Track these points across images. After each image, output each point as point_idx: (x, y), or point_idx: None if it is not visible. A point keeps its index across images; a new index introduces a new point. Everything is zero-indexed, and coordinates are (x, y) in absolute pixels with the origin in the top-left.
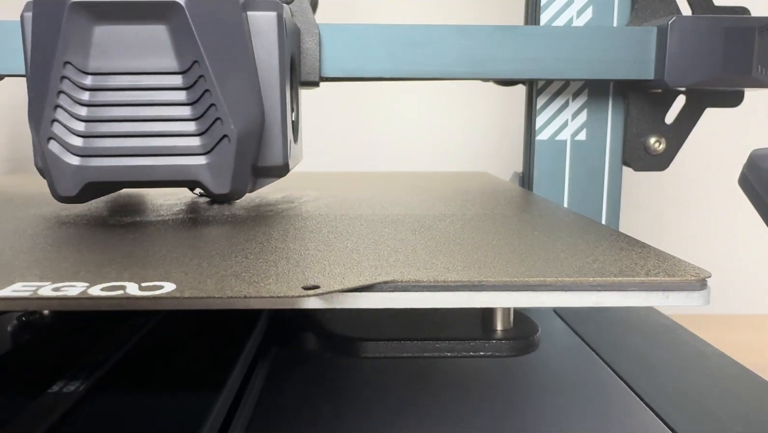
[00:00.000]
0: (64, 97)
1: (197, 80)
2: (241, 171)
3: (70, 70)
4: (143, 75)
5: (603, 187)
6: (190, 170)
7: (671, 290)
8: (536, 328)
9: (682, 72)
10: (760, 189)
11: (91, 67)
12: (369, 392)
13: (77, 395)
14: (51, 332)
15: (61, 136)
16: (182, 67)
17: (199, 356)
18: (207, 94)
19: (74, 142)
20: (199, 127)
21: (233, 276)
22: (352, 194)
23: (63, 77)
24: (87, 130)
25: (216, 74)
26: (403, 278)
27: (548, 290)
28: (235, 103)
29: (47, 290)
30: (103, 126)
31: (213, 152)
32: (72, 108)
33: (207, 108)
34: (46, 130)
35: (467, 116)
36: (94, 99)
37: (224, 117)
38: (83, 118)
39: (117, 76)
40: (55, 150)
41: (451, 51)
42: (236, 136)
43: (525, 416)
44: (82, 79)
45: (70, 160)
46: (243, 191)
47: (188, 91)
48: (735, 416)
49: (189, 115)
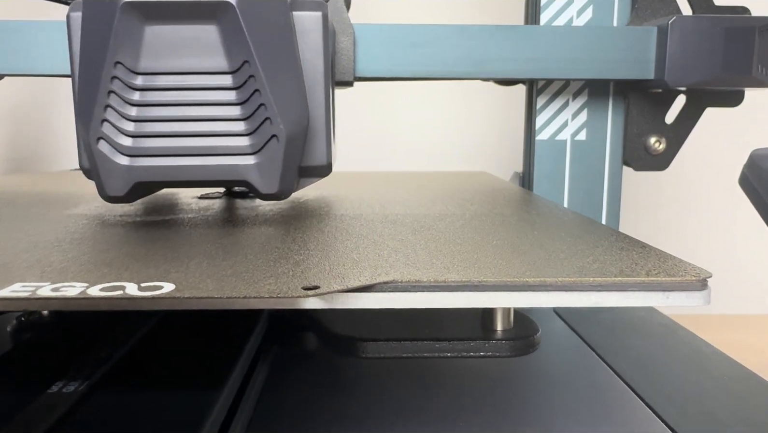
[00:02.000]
0: (114, 97)
1: (247, 80)
2: (288, 171)
3: (120, 70)
4: (193, 75)
5: (603, 187)
6: (239, 170)
7: (671, 290)
8: (536, 328)
9: (683, 72)
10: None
11: (141, 67)
12: (369, 392)
13: (77, 395)
14: (50, 332)
15: (111, 136)
16: (232, 67)
17: (199, 355)
18: (256, 94)
19: (124, 142)
20: (249, 127)
21: (233, 276)
22: (352, 194)
23: (113, 77)
24: (137, 130)
25: (266, 74)
26: (403, 278)
27: (548, 290)
28: (283, 103)
29: (46, 291)
30: (153, 126)
31: (262, 152)
32: (122, 108)
33: (256, 108)
34: (96, 130)
35: (467, 116)
36: (144, 99)
37: (273, 117)
38: (133, 118)
39: (167, 76)
40: (105, 150)
41: (451, 51)
42: (285, 136)
43: (525, 416)
44: (132, 79)
45: (120, 160)
46: (290, 191)
47: (238, 91)
48: (735, 416)
49: (238, 115)
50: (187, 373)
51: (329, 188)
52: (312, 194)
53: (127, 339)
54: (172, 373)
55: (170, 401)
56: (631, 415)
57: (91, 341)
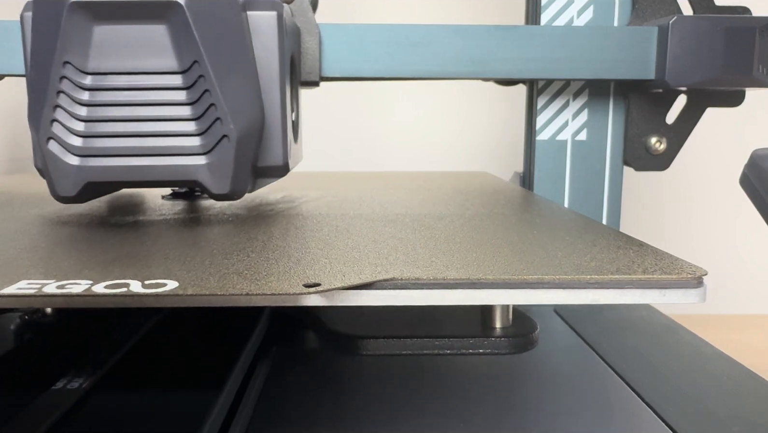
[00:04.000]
0: (63, 97)
1: (197, 80)
2: (240, 171)
3: (69, 69)
4: (143, 75)
5: (603, 188)
6: (190, 170)
7: (668, 288)
8: (535, 326)
9: (683, 72)
10: (761, 189)
11: (90, 67)
12: (369, 389)
13: (78, 394)
14: (54, 330)
15: (61, 136)
16: (182, 66)
17: (200, 354)
18: (207, 94)
19: (74, 142)
20: (199, 127)
21: (235, 274)
22: (353, 194)
23: (62, 77)
24: (86, 130)
25: (216, 74)
26: (402, 276)
27: (546, 288)
28: (235, 103)
29: (52, 288)
30: (103, 126)
31: (213, 152)
32: (71, 108)
33: (207, 108)
34: (45, 130)
35: (467, 116)
36: (93, 99)
37: (224, 117)
38: (83, 118)
39: (116, 75)
40: (55, 150)
41: (451, 51)
42: (236, 136)
43: (524, 414)
44: (81, 79)
45: (70, 160)
46: (243, 191)
47: (188, 91)
48: (735, 416)
49: (189, 115)
50: (188, 372)
51: (329, 188)
52: (313, 194)
53: (129, 338)
54: (173, 372)
55: (171, 399)
56: (631, 414)
57: (94, 339)
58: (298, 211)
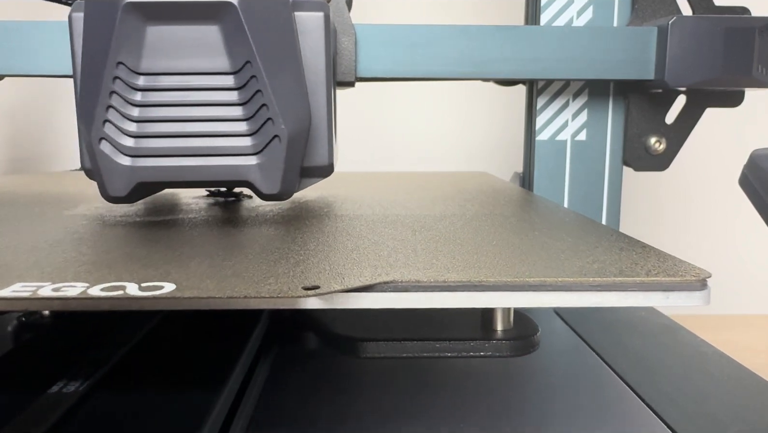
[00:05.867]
0: (116, 97)
1: (249, 80)
2: (290, 171)
3: (122, 70)
4: (195, 75)
5: (603, 188)
6: (241, 170)
7: (671, 290)
8: (536, 328)
9: (683, 72)
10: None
11: (143, 68)
12: (369, 391)
13: (77, 395)
14: (51, 332)
15: (113, 136)
16: (234, 67)
17: (199, 355)
18: (258, 95)
19: (126, 142)
20: (251, 127)
21: (233, 276)
22: (352, 194)
23: (115, 78)
24: (138, 131)
25: (267, 74)
26: (403, 278)
27: (548, 291)
28: (285, 103)
29: (47, 291)
30: (155, 126)
31: (264, 152)
32: (124, 108)
33: (258, 108)
34: (97, 130)
35: (467, 116)
36: (146, 99)
37: (275, 117)
38: (135, 118)
39: (169, 76)
40: (107, 150)
41: (451, 51)
42: (287, 136)
43: (525, 416)
44: (134, 80)
45: (122, 160)
46: (291, 192)
47: (240, 91)
48: (735, 416)
49: (240, 115)
50: (187, 373)
51: (330, 189)
52: (312, 195)
53: (128, 339)
54: (173, 373)
55: (171, 401)
56: (631, 415)
57: (92, 341)
58: (297, 212)
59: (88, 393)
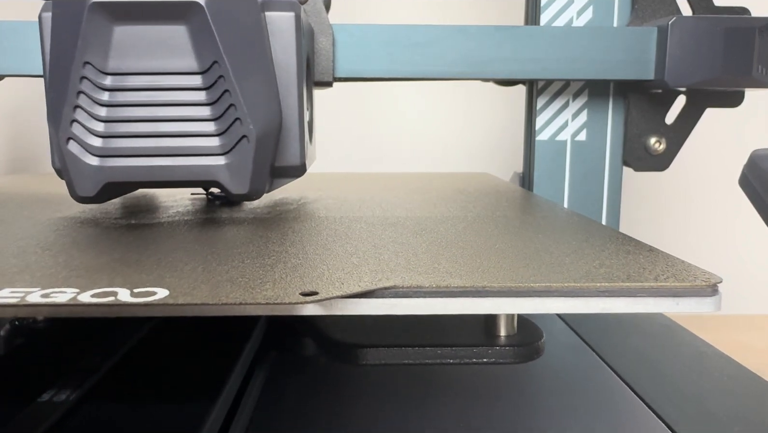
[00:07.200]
0: (83, 97)
1: (217, 80)
2: (259, 171)
3: (89, 70)
4: (163, 75)
5: (603, 188)
6: (209, 170)
7: (682, 296)
8: (541, 334)
9: (683, 72)
10: (761, 189)
11: (110, 68)
12: (368, 399)
13: (68, 404)
14: (42, 338)
15: (81, 136)
16: (202, 67)
17: (195, 361)
18: (226, 95)
19: (93, 142)
20: (219, 127)
21: (229, 282)
22: (352, 196)
23: (83, 77)
24: (106, 131)
25: (235, 74)
26: (404, 284)
27: (554, 296)
28: (254, 103)
29: (36, 297)
30: (123, 126)
31: (232, 152)
32: (91, 108)
33: (226, 108)
34: (65, 130)
35: (467, 116)
36: (113, 99)
37: (243, 117)
38: (102, 118)
39: (136, 76)
40: (75, 150)
41: (451, 51)
42: (255, 136)
43: (528, 424)
44: (101, 80)
45: (90, 160)
46: (261, 192)
47: (208, 91)
48: (735, 416)
49: (208, 115)
50: (183, 380)
51: (329, 190)
52: (311, 196)
53: (122, 345)
54: (168, 380)
55: (166, 409)
56: (636, 421)
57: (85, 347)
58: (295, 214)
59: (79, 402)
